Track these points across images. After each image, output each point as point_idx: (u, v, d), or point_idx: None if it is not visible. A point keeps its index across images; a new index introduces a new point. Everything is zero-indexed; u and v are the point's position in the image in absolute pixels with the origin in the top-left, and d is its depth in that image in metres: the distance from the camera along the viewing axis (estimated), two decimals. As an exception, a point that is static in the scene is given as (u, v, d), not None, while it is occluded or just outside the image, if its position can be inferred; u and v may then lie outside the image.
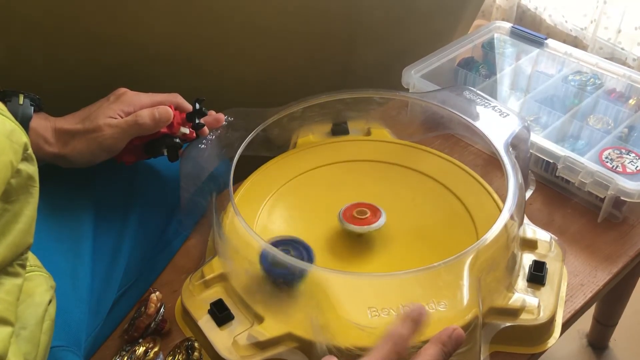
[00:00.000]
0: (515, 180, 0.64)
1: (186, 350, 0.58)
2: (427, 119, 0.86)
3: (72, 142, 0.62)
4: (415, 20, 1.02)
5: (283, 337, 0.56)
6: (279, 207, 0.70)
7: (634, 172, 0.75)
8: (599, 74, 0.90)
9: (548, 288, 0.63)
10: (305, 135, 0.80)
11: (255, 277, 0.59)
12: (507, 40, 0.99)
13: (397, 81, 0.89)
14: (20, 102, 0.60)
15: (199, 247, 0.73)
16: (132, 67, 0.80)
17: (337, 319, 0.52)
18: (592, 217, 0.75)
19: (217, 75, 0.88)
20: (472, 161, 0.84)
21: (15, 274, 0.41)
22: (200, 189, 0.68)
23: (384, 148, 0.79)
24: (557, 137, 0.82)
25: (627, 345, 1.13)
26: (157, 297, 0.61)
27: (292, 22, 0.87)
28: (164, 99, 0.67)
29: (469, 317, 0.53)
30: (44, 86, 0.67)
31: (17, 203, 0.40)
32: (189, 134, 0.68)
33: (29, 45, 0.73)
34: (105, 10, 0.73)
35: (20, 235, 0.40)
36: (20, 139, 0.40)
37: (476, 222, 0.67)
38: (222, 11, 0.80)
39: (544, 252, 0.67)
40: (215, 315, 0.59)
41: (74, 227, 0.64)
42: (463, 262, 0.55)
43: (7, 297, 0.40)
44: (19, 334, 0.43)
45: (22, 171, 0.40)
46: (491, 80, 0.91)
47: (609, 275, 0.68)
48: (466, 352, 0.53)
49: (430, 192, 0.72)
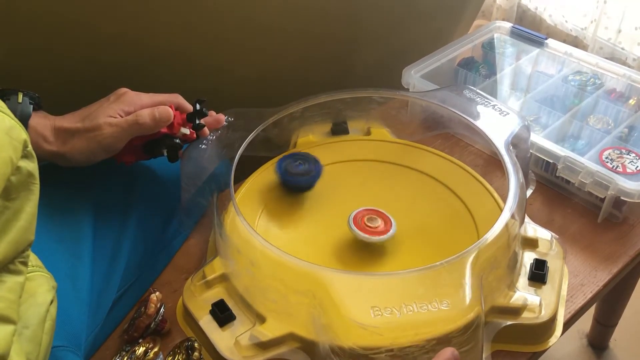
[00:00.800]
0: (516, 179, 0.64)
1: (186, 350, 0.58)
2: (427, 118, 0.86)
3: (72, 141, 0.62)
4: (416, 20, 1.02)
5: (285, 337, 0.56)
6: (280, 207, 0.70)
7: (634, 172, 0.75)
8: (599, 74, 0.90)
9: (549, 286, 0.63)
10: (305, 135, 0.80)
11: (257, 277, 0.59)
12: (507, 40, 0.99)
13: (397, 81, 0.89)
14: (20, 100, 0.60)
15: (199, 247, 0.73)
16: (131, 66, 0.80)
17: (339, 319, 0.52)
18: (592, 217, 0.75)
19: (217, 75, 0.88)
20: (473, 161, 0.84)
21: (17, 271, 0.41)
22: (200, 189, 0.68)
23: (384, 148, 0.79)
24: (557, 137, 0.82)
25: (627, 345, 1.13)
26: (157, 297, 0.61)
27: (292, 22, 0.87)
28: (164, 99, 0.67)
29: (471, 315, 0.52)
30: (44, 85, 0.67)
31: (17, 200, 0.40)
32: (189, 134, 0.68)
33: (29, 45, 0.73)
34: (105, 10, 0.73)
35: (21, 232, 0.40)
36: (20, 135, 0.40)
37: (477, 221, 0.67)
38: (223, 11, 0.80)
39: (544, 251, 0.67)
40: (216, 316, 0.59)
41: (74, 227, 0.64)
42: (465, 261, 0.55)
43: (9, 295, 0.39)
44: (22, 334, 0.43)
45: (22, 168, 0.40)
46: (491, 80, 0.91)
47: (609, 275, 0.68)
48: (468, 350, 0.53)
49: (430, 192, 0.72)
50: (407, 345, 0.51)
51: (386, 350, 0.51)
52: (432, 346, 0.51)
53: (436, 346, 0.51)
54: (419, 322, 0.52)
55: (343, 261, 0.63)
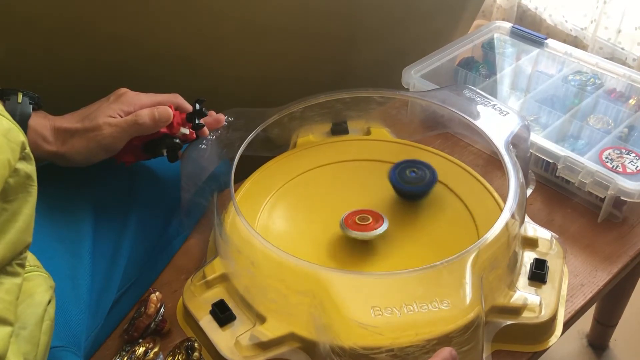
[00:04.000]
0: (516, 179, 0.64)
1: (186, 350, 0.58)
2: (427, 118, 0.86)
3: (71, 141, 0.62)
4: (416, 20, 1.02)
5: (286, 337, 0.56)
6: (280, 207, 0.70)
7: (634, 172, 0.75)
8: (599, 73, 0.90)
9: (549, 286, 0.63)
10: (305, 135, 0.80)
11: (257, 278, 0.59)
12: (507, 40, 0.99)
13: (397, 81, 0.89)
14: (19, 100, 0.60)
15: (199, 247, 0.73)
16: (131, 66, 0.80)
17: (340, 319, 0.52)
18: (592, 217, 0.75)
19: (217, 75, 0.88)
20: (472, 161, 0.84)
21: (14, 273, 0.41)
22: (200, 189, 0.68)
23: (383, 147, 0.79)
24: (557, 137, 0.82)
25: (627, 345, 1.13)
26: (157, 297, 0.61)
27: (292, 22, 0.87)
28: (164, 99, 0.67)
29: (472, 315, 0.52)
30: (44, 85, 0.67)
31: (15, 202, 0.40)
32: (188, 134, 0.68)
33: (29, 45, 0.73)
34: (105, 10, 0.73)
35: (19, 234, 0.40)
36: (18, 137, 0.40)
37: (477, 221, 0.67)
38: (222, 11, 0.80)
39: (544, 250, 0.67)
40: (217, 316, 0.59)
41: (73, 227, 0.64)
42: (465, 260, 0.55)
43: (7, 297, 0.39)
44: (19, 334, 0.43)
45: (20, 170, 0.40)
46: (491, 80, 0.91)
47: (609, 275, 0.68)
48: (468, 350, 0.53)
49: (430, 192, 0.72)
50: (407, 345, 0.51)
51: (386, 350, 0.51)
52: (433, 346, 0.51)
53: (436, 346, 0.51)
54: (419, 322, 0.52)
55: (343, 261, 0.63)
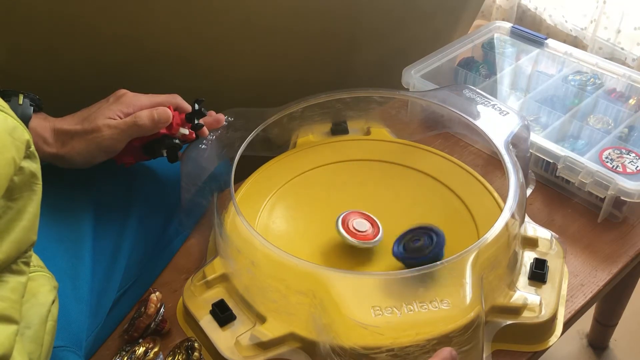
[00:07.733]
0: (516, 178, 0.64)
1: (186, 350, 0.58)
2: (426, 118, 0.86)
3: (71, 143, 0.62)
4: (416, 20, 1.02)
5: (286, 337, 0.56)
6: (280, 207, 0.70)
7: (634, 172, 0.75)
8: (599, 74, 0.90)
9: (549, 286, 0.63)
10: (305, 135, 0.80)
11: (257, 278, 0.59)
12: (507, 40, 0.99)
13: (397, 81, 0.89)
14: (20, 102, 0.60)
15: (199, 247, 0.73)
16: (131, 66, 0.80)
17: (340, 318, 0.52)
18: (592, 217, 0.75)
19: (217, 75, 0.88)
20: (472, 161, 0.84)
21: (19, 271, 0.41)
22: (200, 189, 0.68)
23: (383, 147, 0.79)
24: (557, 137, 0.82)
25: (627, 345, 1.13)
26: (157, 297, 0.61)
27: (292, 22, 0.87)
28: (163, 100, 0.67)
29: (472, 315, 0.52)
30: (44, 86, 0.67)
31: (20, 200, 0.40)
32: (188, 134, 0.68)
33: (29, 45, 0.73)
34: (105, 10, 0.73)
35: (24, 232, 0.40)
36: (23, 136, 0.40)
37: (477, 221, 0.67)
38: (222, 10, 0.80)
39: (544, 250, 0.67)
40: (217, 316, 0.59)
41: (74, 227, 0.64)
42: (465, 260, 0.55)
43: (12, 295, 0.39)
44: (24, 334, 0.43)
45: (25, 168, 0.40)
46: (491, 80, 0.91)
47: (609, 275, 0.68)
48: (469, 350, 0.53)
49: (430, 192, 0.72)
50: (407, 344, 0.51)
51: (387, 350, 0.51)
52: (433, 346, 0.51)
53: (437, 346, 0.51)
54: (419, 321, 0.52)
55: (344, 261, 0.63)
